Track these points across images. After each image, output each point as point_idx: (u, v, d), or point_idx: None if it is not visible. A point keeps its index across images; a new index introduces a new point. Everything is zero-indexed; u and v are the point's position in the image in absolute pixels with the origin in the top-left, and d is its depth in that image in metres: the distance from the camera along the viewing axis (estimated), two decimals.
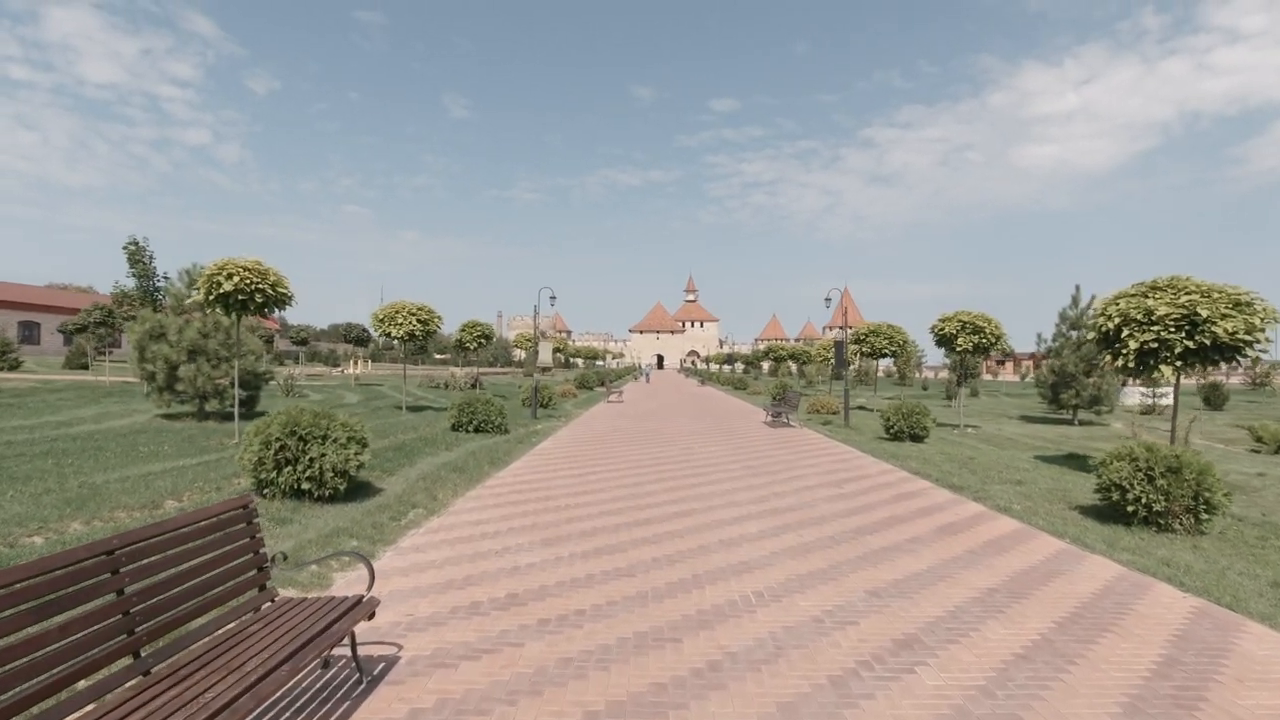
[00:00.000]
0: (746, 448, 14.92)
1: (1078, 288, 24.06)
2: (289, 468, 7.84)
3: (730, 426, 19.91)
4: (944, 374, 78.70)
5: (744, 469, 11.92)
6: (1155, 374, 11.62)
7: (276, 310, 12.37)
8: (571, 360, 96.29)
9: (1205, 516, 7.82)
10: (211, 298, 11.44)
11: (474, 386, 32.10)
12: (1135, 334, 11.56)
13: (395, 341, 20.14)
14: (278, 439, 7.82)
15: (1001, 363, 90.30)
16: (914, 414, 15.98)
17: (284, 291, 12.01)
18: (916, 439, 16.07)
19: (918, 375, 62.47)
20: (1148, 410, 29.02)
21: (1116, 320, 11.82)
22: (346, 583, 5.59)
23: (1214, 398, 31.28)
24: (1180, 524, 7.81)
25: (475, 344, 29.29)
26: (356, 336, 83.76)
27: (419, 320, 20.02)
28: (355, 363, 67.54)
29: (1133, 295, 12.10)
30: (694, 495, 9.46)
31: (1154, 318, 11.40)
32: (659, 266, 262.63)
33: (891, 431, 16.17)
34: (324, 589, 5.43)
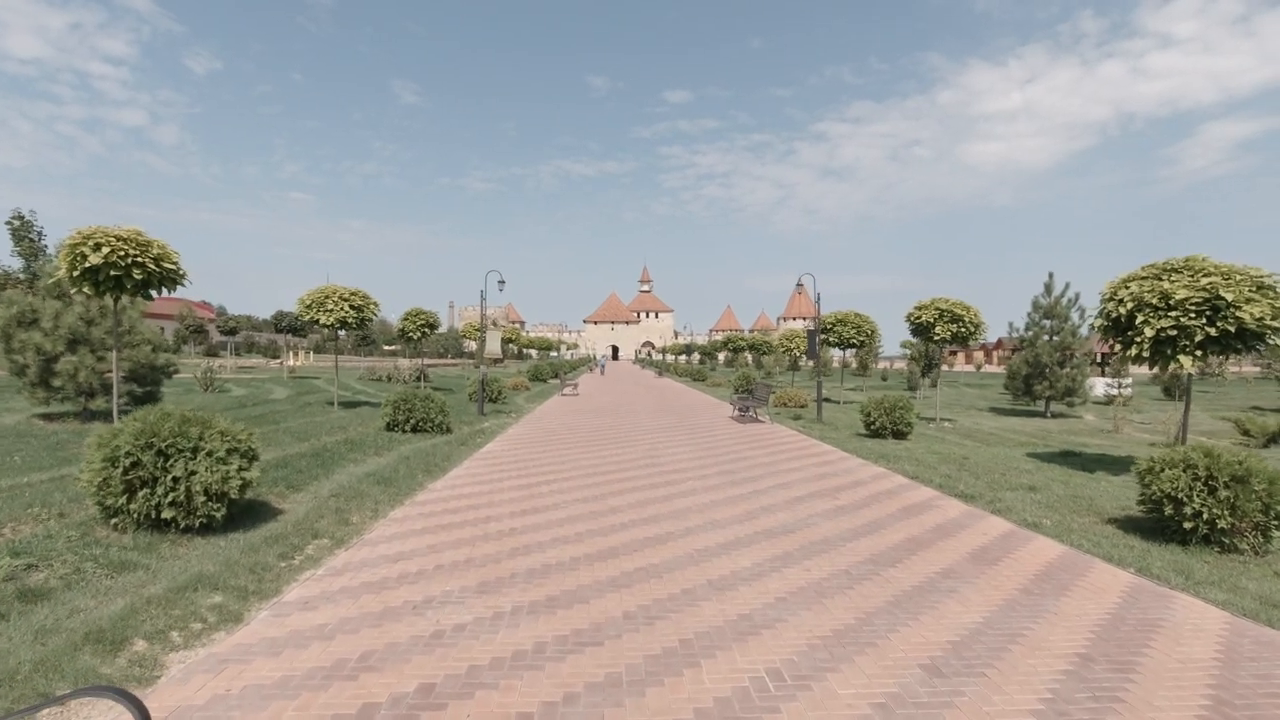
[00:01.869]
0: (717, 448, 13.42)
1: (1051, 275, 23.30)
2: (145, 490, 5.99)
3: (695, 422, 18.43)
4: (900, 365, 78.97)
5: (720, 475, 10.41)
6: (1173, 364, 10.52)
7: (164, 290, 10.31)
8: (525, 351, 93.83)
9: (1276, 533, 6.61)
10: (76, 273, 9.35)
11: (419, 379, 29.98)
12: (1151, 320, 10.41)
13: (327, 329, 18.04)
14: (128, 454, 5.95)
15: (954, 353, 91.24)
16: (896, 409, 14.72)
17: (171, 268, 9.94)
18: (899, 436, 14.82)
19: (875, 366, 62.08)
20: (1125, 400, 28.60)
21: (1130, 305, 10.65)
22: (185, 672, 3.84)
23: (1174, 388, 31.13)
24: (1247, 543, 6.57)
25: (419, 333, 27.20)
26: (289, 325, 79.38)
27: (351, 306, 17.94)
28: (295, 354, 64.07)
29: (1144, 278, 10.95)
30: (667, 513, 7.88)
31: (1172, 302, 10.26)
32: (613, 258, 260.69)
33: (872, 428, 14.88)
34: (149, 677, 3.67)
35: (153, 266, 9.69)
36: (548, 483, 9.59)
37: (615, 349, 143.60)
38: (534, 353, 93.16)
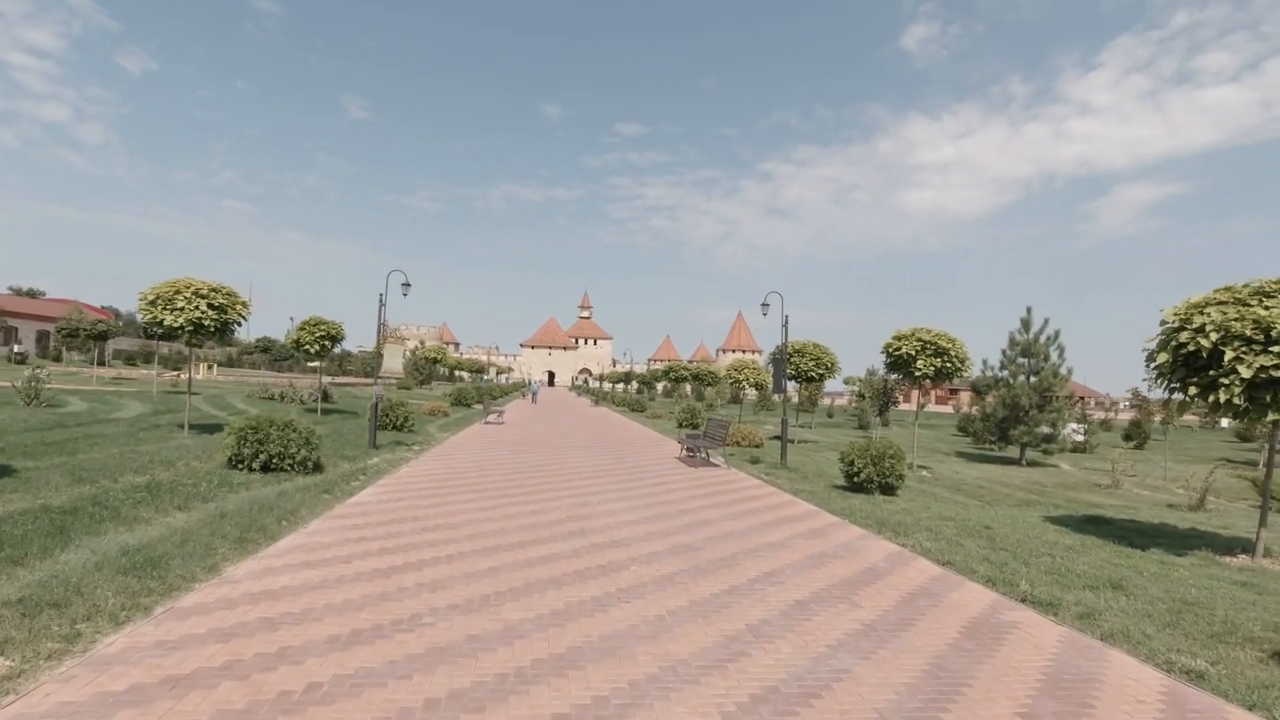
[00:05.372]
0: (667, 504, 10.34)
1: (1029, 310, 21.32)
2: None
3: (637, 463, 15.33)
4: (840, 401, 77.67)
5: (676, 553, 7.32)
6: (1271, 415, 8.03)
7: None
8: (456, 374, 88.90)
9: None
10: None
11: (321, 399, 26.00)
12: (1245, 357, 7.92)
13: (175, 332, 14.26)
14: None
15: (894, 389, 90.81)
16: (886, 458, 11.95)
17: None
18: (888, 490, 12.06)
19: (821, 402, 60.38)
20: (1079, 449, 26.87)
21: (1214, 337, 8.14)
22: None
23: (1136, 435, 29.75)
24: None
25: (317, 346, 23.36)
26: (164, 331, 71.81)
27: (211, 305, 14.24)
28: (202, 366, 57.84)
29: (1224, 302, 8.49)
30: (597, 640, 4.71)
31: (1275, 334, 7.80)
32: (556, 284, 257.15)
33: (856, 480, 12.06)
34: None
35: None
36: (420, 566, 6.31)
37: (551, 375, 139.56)
38: (465, 375, 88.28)
